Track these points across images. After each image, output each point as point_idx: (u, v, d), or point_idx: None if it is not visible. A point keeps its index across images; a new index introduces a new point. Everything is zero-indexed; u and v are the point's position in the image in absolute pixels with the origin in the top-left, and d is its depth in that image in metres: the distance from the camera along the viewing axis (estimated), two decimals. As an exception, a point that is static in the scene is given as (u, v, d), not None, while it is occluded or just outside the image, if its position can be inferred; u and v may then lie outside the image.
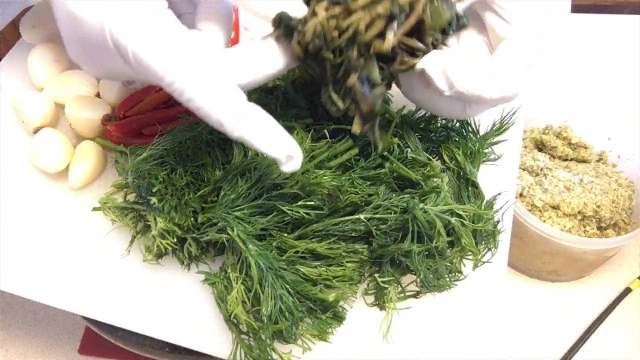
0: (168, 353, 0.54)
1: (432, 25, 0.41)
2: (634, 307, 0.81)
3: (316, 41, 0.40)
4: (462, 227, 0.47)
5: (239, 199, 0.45)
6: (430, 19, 0.40)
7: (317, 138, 0.50)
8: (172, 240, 0.48)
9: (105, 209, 0.52)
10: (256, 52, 0.42)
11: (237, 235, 0.45)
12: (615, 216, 0.79)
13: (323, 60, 0.41)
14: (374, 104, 0.42)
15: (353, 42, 0.40)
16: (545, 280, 0.83)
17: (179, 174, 0.48)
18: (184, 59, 0.36)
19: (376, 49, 0.40)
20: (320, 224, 0.47)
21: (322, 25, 0.40)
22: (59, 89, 0.61)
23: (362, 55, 0.40)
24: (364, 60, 0.40)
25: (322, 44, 0.40)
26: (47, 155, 0.56)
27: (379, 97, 0.42)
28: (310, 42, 0.40)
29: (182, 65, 0.36)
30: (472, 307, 0.51)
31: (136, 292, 0.51)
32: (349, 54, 0.40)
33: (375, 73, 0.41)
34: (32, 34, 0.64)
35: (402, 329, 0.50)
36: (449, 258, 0.48)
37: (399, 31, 0.40)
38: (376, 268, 0.51)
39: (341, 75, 0.41)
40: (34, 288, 0.51)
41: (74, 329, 0.81)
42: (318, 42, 0.40)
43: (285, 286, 0.45)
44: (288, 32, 0.42)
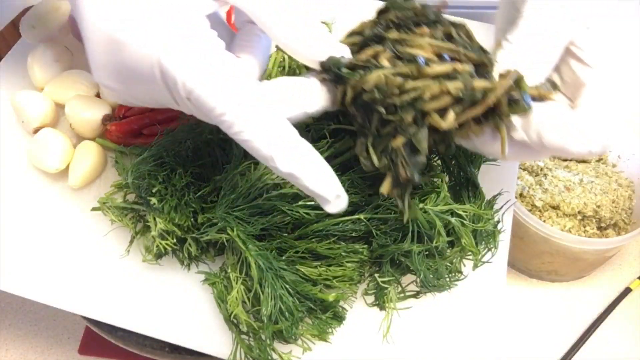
0: (168, 353, 0.54)
1: (507, 113, 0.38)
2: (634, 307, 0.81)
3: (375, 93, 0.38)
4: (462, 227, 0.47)
5: (239, 199, 0.45)
6: (506, 107, 0.38)
7: (317, 138, 0.50)
8: (172, 241, 0.48)
9: (105, 209, 0.52)
10: (298, 89, 0.40)
11: (237, 236, 0.45)
12: (615, 216, 0.79)
13: (371, 112, 0.39)
14: (413, 173, 0.39)
15: (412, 106, 0.38)
16: (545, 280, 0.83)
17: (178, 174, 0.48)
18: (237, 91, 0.35)
19: (433, 123, 0.37)
20: (320, 224, 0.47)
21: (386, 78, 0.38)
22: (59, 89, 0.61)
23: (416, 122, 0.38)
24: (417, 127, 0.38)
25: (380, 98, 0.38)
26: (47, 155, 0.56)
27: (420, 166, 0.39)
28: (368, 93, 0.38)
29: (236, 97, 0.34)
30: (472, 307, 0.51)
31: (136, 292, 0.51)
32: (403, 115, 0.38)
33: (425, 144, 0.38)
34: (32, 34, 0.64)
35: (402, 329, 0.50)
36: (449, 258, 0.48)
37: (463, 116, 0.38)
38: (376, 268, 0.51)
39: (387, 133, 0.39)
40: (34, 288, 0.51)
41: (74, 329, 0.81)
42: (377, 95, 0.38)
43: (285, 286, 0.45)
44: (338, 78, 0.40)
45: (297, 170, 0.36)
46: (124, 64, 0.35)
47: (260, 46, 0.42)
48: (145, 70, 0.35)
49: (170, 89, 0.35)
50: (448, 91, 0.37)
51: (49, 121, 0.59)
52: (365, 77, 0.38)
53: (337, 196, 0.37)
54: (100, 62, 0.36)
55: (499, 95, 0.37)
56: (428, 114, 0.37)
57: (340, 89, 0.40)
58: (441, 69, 0.38)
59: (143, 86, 0.36)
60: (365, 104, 0.39)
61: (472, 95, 0.37)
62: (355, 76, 0.39)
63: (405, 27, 0.42)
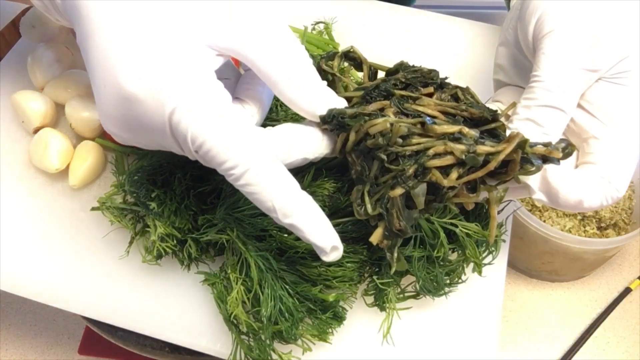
0: (168, 353, 0.54)
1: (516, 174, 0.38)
2: (634, 307, 0.81)
3: (379, 139, 0.38)
4: (467, 237, 0.46)
5: (240, 201, 0.45)
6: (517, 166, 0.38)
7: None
8: (172, 243, 0.48)
9: (104, 209, 0.52)
10: (299, 136, 0.41)
11: (237, 236, 0.45)
12: (615, 216, 0.79)
13: (372, 160, 0.40)
14: (406, 226, 0.39)
15: (414, 158, 0.38)
16: (545, 280, 0.83)
17: (177, 179, 0.48)
18: (246, 146, 0.35)
19: (434, 178, 0.38)
20: (320, 224, 0.47)
21: (392, 125, 0.38)
22: (59, 89, 0.61)
23: (417, 176, 0.38)
24: (416, 180, 0.38)
25: (384, 144, 0.38)
26: (47, 155, 0.56)
27: (412, 221, 0.40)
28: (372, 138, 0.39)
29: (244, 153, 0.35)
30: (472, 307, 0.51)
31: (136, 292, 0.51)
32: (405, 166, 0.38)
33: (422, 199, 0.38)
34: (32, 34, 0.64)
35: (402, 329, 0.50)
36: (451, 267, 0.48)
37: (465, 177, 0.38)
38: (376, 269, 0.51)
39: (385, 182, 0.39)
40: (34, 288, 0.51)
41: (74, 329, 0.81)
42: (381, 141, 0.38)
43: (285, 287, 0.45)
44: (340, 127, 0.41)
45: (298, 222, 0.37)
46: (135, 117, 0.36)
47: (264, 91, 0.43)
48: (156, 125, 0.35)
49: (180, 142, 0.36)
50: (452, 152, 0.37)
51: (49, 121, 0.59)
52: (371, 122, 0.39)
53: (333, 247, 0.38)
54: (109, 114, 0.37)
55: (500, 161, 0.37)
56: (429, 170, 0.38)
57: (341, 136, 0.41)
58: (448, 128, 0.39)
59: (152, 137, 0.37)
60: (367, 151, 0.40)
61: (474, 160, 0.37)
62: (360, 121, 0.40)
63: (412, 86, 0.43)
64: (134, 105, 0.35)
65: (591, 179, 0.41)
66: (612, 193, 0.41)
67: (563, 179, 0.40)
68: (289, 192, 0.37)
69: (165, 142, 0.37)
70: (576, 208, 0.41)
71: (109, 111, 0.36)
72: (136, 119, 0.36)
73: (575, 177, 0.41)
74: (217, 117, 0.35)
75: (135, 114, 0.35)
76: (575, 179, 0.40)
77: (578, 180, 0.40)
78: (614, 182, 0.41)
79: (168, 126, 0.35)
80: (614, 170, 0.41)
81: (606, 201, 0.41)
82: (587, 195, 0.40)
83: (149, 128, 0.36)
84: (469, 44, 0.68)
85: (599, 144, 0.42)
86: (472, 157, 0.37)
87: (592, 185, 0.40)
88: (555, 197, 0.40)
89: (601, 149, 0.42)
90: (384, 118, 0.39)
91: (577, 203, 0.40)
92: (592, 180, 0.41)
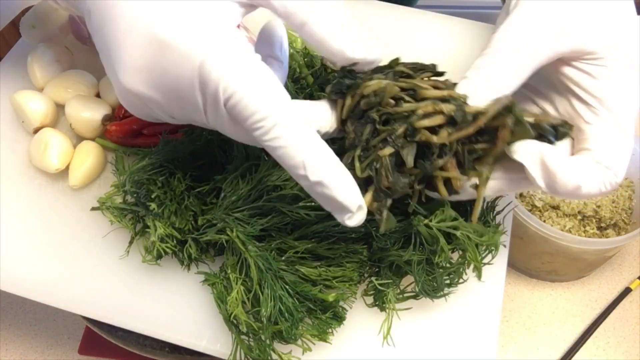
0: (168, 353, 0.54)
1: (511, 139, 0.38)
2: (634, 307, 0.81)
3: (372, 97, 0.38)
4: (469, 240, 0.46)
5: (240, 201, 0.45)
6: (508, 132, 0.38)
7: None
8: (172, 243, 0.48)
9: (104, 209, 0.52)
10: (309, 108, 0.41)
11: (237, 236, 0.45)
12: (615, 216, 0.79)
13: (365, 122, 0.40)
14: (394, 183, 0.39)
15: (405, 119, 0.38)
16: (545, 280, 0.83)
17: (177, 179, 0.48)
18: (278, 97, 0.35)
19: (423, 138, 0.38)
20: (320, 224, 0.47)
21: (386, 86, 0.38)
22: (59, 89, 0.61)
23: (406, 136, 0.38)
24: (405, 141, 0.38)
25: (376, 103, 0.39)
26: (47, 155, 0.56)
27: (401, 183, 0.39)
28: (366, 97, 0.39)
29: (276, 103, 0.35)
30: (472, 308, 0.51)
31: (136, 292, 0.51)
32: (395, 127, 0.38)
33: (411, 159, 0.38)
34: (32, 34, 0.64)
35: (402, 329, 0.50)
36: (451, 269, 0.48)
37: (455, 134, 0.38)
38: (375, 269, 0.51)
39: (376, 145, 0.39)
40: (34, 288, 0.51)
41: (74, 329, 0.81)
42: (374, 99, 0.39)
43: (285, 287, 0.45)
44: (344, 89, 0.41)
45: (327, 178, 0.36)
46: (162, 66, 0.35)
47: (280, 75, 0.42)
48: (184, 74, 0.35)
49: (207, 93, 0.35)
50: (441, 111, 0.38)
51: (49, 121, 0.59)
52: (366, 83, 0.39)
53: (359, 207, 0.37)
54: (134, 64, 0.36)
55: (489, 117, 0.37)
56: (419, 130, 0.38)
57: (339, 103, 0.41)
58: (438, 93, 0.39)
59: (175, 89, 0.36)
60: (360, 115, 0.40)
61: (463, 117, 0.37)
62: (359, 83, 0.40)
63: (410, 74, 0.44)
64: (164, 51, 0.34)
65: (588, 165, 0.40)
66: (610, 178, 0.40)
67: (561, 163, 0.39)
68: (317, 147, 0.36)
69: (188, 95, 0.36)
70: (574, 194, 0.40)
71: (133, 61, 0.35)
72: (163, 68, 0.35)
73: (573, 162, 0.40)
74: (249, 68, 0.35)
75: (163, 61, 0.35)
76: (573, 164, 0.40)
77: (576, 165, 0.40)
78: (611, 167, 0.40)
79: (197, 76, 0.34)
80: (609, 155, 0.40)
81: (605, 187, 0.40)
82: (585, 181, 0.39)
83: (175, 78, 0.35)
84: (468, 44, 0.68)
85: (592, 130, 0.41)
86: (461, 114, 0.37)
87: (589, 171, 0.40)
88: (552, 183, 0.39)
89: (595, 135, 0.41)
90: (378, 80, 0.39)
91: (575, 189, 0.39)
92: (590, 165, 0.40)
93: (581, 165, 0.40)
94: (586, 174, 0.39)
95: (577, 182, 0.39)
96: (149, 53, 0.35)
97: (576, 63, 0.42)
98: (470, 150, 0.39)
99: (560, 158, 0.39)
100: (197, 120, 0.38)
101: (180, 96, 0.36)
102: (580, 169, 0.40)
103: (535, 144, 0.39)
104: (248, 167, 0.47)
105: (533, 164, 0.39)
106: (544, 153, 0.39)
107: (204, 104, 0.36)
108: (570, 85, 0.43)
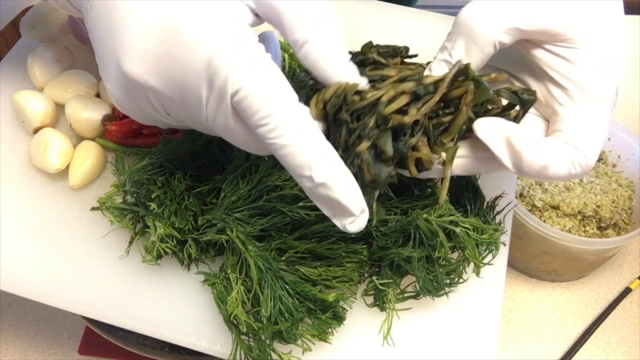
0: (168, 353, 0.54)
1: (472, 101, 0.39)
2: (634, 307, 0.81)
3: (333, 100, 0.39)
4: (468, 237, 0.46)
5: (239, 201, 0.45)
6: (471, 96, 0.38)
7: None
8: (172, 244, 0.48)
9: (104, 209, 0.52)
10: None
11: (237, 236, 0.45)
12: (615, 216, 0.79)
13: (340, 124, 0.40)
14: (377, 175, 0.39)
15: (372, 110, 0.38)
16: (545, 280, 0.83)
17: (177, 179, 0.48)
18: (284, 94, 0.35)
19: (395, 122, 0.38)
20: (320, 224, 0.47)
21: (345, 85, 0.39)
22: (59, 89, 0.61)
23: (378, 126, 0.38)
24: (379, 131, 0.38)
25: (340, 103, 0.39)
26: (47, 155, 0.56)
27: (384, 173, 0.39)
28: (329, 101, 0.39)
29: (283, 101, 0.35)
30: (472, 308, 0.51)
31: (136, 292, 0.51)
32: (365, 121, 0.38)
33: (389, 147, 0.38)
34: (32, 34, 0.64)
35: (402, 329, 0.50)
36: (451, 267, 0.48)
37: (423, 108, 0.38)
38: (375, 269, 0.51)
39: (352, 142, 0.39)
40: (34, 288, 0.51)
41: (74, 329, 0.81)
42: (335, 101, 0.39)
43: (285, 287, 0.45)
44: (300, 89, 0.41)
45: (332, 179, 0.35)
46: (172, 52, 0.35)
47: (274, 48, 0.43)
48: (194, 62, 0.34)
49: (214, 85, 0.34)
50: (403, 91, 0.38)
51: (49, 121, 0.59)
52: (324, 89, 0.39)
53: (362, 211, 0.37)
54: (141, 48, 0.35)
55: (448, 82, 0.38)
56: (389, 117, 0.38)
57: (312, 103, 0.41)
58: (393, 78, 0.40)
59: (179, 81, 0.35)
60: (333, 119, 0.40)
61: (425, 89, 0.38)
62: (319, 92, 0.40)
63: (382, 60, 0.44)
64: (177, 38, 0.34)
65: (556, 145, 0.40)
66: (579, 159, 0.39)
67: (526, 141, 0.39)
68: (323, 148, 0.36)
69: (193, 86, 0.35)
70: (542, 175, 0.39)
71: (140, 46, 0.35)
72: (172, 55, 0.35)
73: (541, 142, 0.40)
74: (260, 64, 0.35)
75: (173, 48, 0.34)
76: (540, 143, 0.39)
77: (543, 144, 0.39)
78: (581, 148, 0.40)
79: (206, 66, 0.34)
80: (579, 136, 0.40)
81: (574, 168, 0.39)
82: (552, 161, 0.39)
83: (182, 65, 0.35)
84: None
85: (565, 111, 0.41)
86: (422, 87, 0.38)
87: (557, 151, 0.39)
88: (518, 161, 0.39)
89: (567, 116, 0.41)
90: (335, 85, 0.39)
91: (541, 168, 0.39)
92: (558, 145, 0.40)
93: (548, 145, 0.40)
94: (553, 153, 0.39)
95: (543, 161, 0.39)
96: (160, 39, 0.35)
97: (550, 47, 0.42)
98: (437, 124, 0.39)
99: (526, 136, 0.39)
100: (194, 116, 0.37)
101: (184, 86, 0.35)
102: (547, 148, 0.39)
103: (499, 122, 0.39)
104: (248, 167, 0.47)
105: (498, 142, 0.39)
106: (509, 131, 0.39)
107: (208, 97, 0.35)
108: (545, 69, 0.42)
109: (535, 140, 0.39)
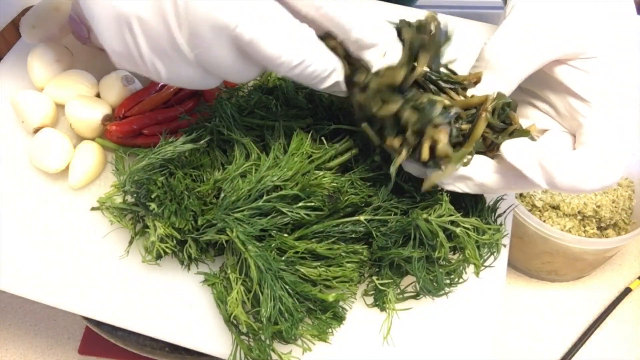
0: (168, 353, 0.54)
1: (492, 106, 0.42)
2: (634, 307, 0.81)
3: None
4: (468, 237, 0.46)
5: (239, 201, 0.45)
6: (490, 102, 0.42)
7: (317, 138, 0.50)
8: (172, 244, 0.48)
9: (104, 209, 0.52)
10: None
11: (237, 237, 0.45)
12: (615, 216, 0.79)
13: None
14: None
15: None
16: (545, 280, 0.83)
17: (177, 179, 0.48)
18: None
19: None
20: (320, 225, 0.47)
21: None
22: (59, 89, 0.61)
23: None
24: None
25: None
26: (47, 155, 0.56)
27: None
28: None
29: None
30: (472, 307, 0.51)
31: (136, 292, 0.51)
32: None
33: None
34: (32, 34, 0.64)
35: (402, 330, 0.50)
36: (451, 267, 0.48)
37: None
38: (376, 269, 0.51)
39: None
40: (34, 288, 0.51)
41: (74, 329, 0.81)
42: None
43: (285, 287, 0.45)
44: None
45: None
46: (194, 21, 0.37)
47: None
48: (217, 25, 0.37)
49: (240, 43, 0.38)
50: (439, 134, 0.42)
51: (49, 121, 0.59)
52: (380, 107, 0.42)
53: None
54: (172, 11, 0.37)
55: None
56: None
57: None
58: None
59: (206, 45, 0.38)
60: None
61: None
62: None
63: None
64: None
65: (586, 159, 0.40)
66: (607, 171, 0.40)
67: (558, 161, 0.40)
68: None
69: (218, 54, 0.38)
70: (576, 190, 0.40)
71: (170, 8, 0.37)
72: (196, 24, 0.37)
73: (571, 159, 0.40)
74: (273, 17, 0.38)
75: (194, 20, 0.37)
76: (570, 160, 0.40)
77: (573, 161, 0.40)
78: (608, 159, 0.40)
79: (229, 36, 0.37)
80: (606, 148, 0.41)
81: (606, 180, 0.40)
82: (584, 176, 0.40)
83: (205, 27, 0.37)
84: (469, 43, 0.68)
85: (589, 123, 0.42)
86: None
87: (587, 166, 0.40)
88: (551, 179, 0.40)
89: (591, 128, 0.42)
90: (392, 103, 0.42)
91: (575, 184, 0.40)
92: (587, 160, 0.40)
93: (578, 160, 0.40)
94: (584, 169, 0.40)
95: (576, 178, 0.40)
96: None
97: (570, 62, 0.43)
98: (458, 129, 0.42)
99: (556, 156, 0.40)
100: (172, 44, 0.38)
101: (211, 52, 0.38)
102: (578, 164, 0.40)
103: (526, 144, 0.41)
104: (248, 167, 0.47)
105: (529, 165, 0.40)
106: (539, 153, 0.40)
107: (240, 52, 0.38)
108: (565, 83, 0.43)
109: (566, 158, 0.40)
